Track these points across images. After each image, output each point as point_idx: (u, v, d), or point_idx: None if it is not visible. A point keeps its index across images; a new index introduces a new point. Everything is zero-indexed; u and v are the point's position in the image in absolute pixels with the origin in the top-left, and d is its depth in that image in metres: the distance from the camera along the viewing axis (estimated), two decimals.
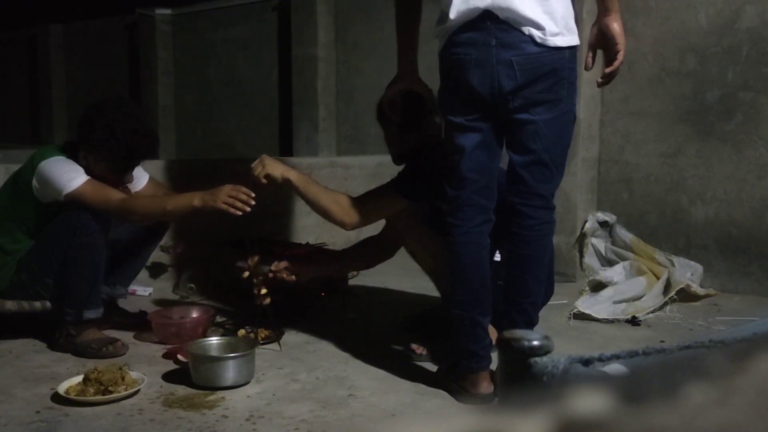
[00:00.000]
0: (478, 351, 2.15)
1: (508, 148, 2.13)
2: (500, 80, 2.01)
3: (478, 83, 2.03)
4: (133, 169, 2.67)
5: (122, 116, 2.54)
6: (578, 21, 3.65)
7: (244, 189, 2.40)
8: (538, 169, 2.09)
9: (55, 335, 2.60)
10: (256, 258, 2.61)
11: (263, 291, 2.60)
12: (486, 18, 1.99)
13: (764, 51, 3.36)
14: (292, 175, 2.41)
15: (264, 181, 2.39)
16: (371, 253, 2.92)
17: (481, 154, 2.11)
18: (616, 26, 2.03)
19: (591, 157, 3.83)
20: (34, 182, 2.52)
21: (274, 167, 2.40)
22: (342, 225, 2.45)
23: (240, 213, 2.39)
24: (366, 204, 2.47)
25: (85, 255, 2.52)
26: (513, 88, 2.02)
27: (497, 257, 2.50)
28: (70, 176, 2.48)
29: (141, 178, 2.81)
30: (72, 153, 2.58)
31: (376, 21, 4.92)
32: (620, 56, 2.04)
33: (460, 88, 2.07)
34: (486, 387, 2.16)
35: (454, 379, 2.21)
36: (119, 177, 2.63)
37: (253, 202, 2.39)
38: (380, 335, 2.76)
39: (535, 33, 1.98)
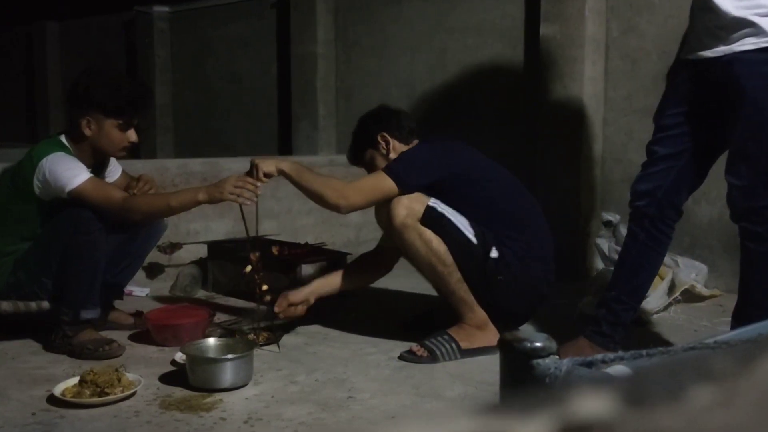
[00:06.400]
0: None
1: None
2: None
3: None
4: (139, 115, 2.64)
5: (109, 74, 2.65)
6: (580, 19, 3.66)
7: (250, 179, 2.46)
8: None
9: (51, 336, 2.56)
10: (258, 254, 2.59)
11: (264, 287, 2.58)
12: None
13: None
14: (285, 166, 2.52)
15: (265, 180, 2.49)
16: (369, 268, 2.89)
17: None
18: None
19: (594, 156, 3.80)
20: (36, 180, 2.47)
21: (267, 164, 2.51)
22: (336, 208, 2.52)
23: (248, 203, 2.43)
24: (359, 187, 2.54)
25: (85, 254, 2.48)
26: None
27: (494, 254, 2.47)
28: (72, 173, 2.45)
29: (116, 169, 2.81)
30: (70, 139, 2.56)
31: (376, 19, 4.89)
32: None
33: None
34: None
35: None
36: (127, 127, 2.58)
37: (260, 192, 2.46)
38: (380, 336, 2.73)
39: None
